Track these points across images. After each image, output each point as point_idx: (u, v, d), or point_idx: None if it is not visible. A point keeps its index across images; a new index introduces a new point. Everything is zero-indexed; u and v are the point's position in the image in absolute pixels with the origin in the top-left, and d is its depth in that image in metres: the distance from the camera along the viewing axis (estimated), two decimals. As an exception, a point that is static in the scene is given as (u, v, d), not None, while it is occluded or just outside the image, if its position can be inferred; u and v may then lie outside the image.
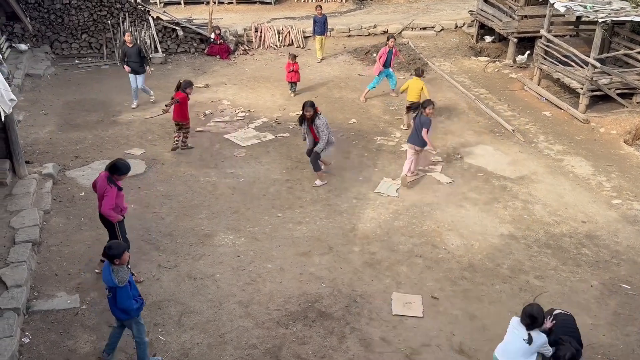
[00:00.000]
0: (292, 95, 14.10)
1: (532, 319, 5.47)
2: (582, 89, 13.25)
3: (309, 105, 9.66)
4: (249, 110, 13.23)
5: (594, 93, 13.29)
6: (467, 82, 15.37)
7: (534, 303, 5.68)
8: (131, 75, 12.91)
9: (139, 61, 12.78)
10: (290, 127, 12.40)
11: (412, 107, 10.47)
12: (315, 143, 9.92)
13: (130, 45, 12.74)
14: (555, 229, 9.10)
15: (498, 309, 7.32)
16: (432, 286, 7.70)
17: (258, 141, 11.70)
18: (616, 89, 13.25)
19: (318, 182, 10.08)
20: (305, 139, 10.28)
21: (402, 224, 9.06)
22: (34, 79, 14.51)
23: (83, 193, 9.55)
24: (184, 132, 11.05)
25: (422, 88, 12.11)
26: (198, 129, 12.12)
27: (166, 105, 10.89)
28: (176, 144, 11.06)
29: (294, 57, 13.89)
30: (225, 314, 7.10)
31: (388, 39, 13.62)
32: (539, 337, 5.54)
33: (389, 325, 7.01)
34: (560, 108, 13.65)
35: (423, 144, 9.88)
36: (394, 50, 13.65)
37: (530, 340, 5.49)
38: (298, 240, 8.57)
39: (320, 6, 16.61)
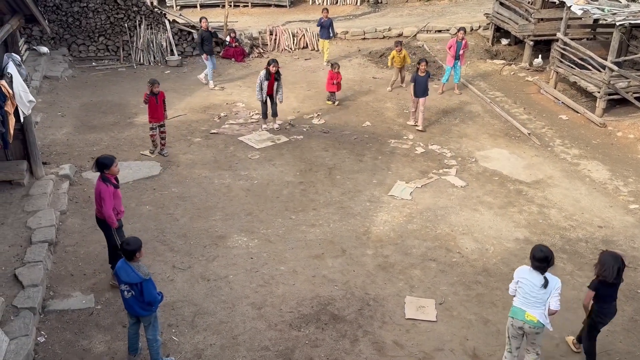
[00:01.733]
0: (333, 104, 13.76)
1: (545, 260, 5.64)
2: (599, 92, 13.11)
3: (275, 60, 11.81)
4: (264, 113, 13.26)
5: (611, 97, 13.15)
6: (482, 85, 15.28)
7: (541, 245, 5.85)
8: (207, 59, 14.38)
9: (210, 44, 14.46)
10: (304, 129, 12.42)
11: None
12: (270, 96, 12.10)
13: (206, 30, 14.37)
14: (571, 233, 9.00)
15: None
16: (446, 290, 7.65)
17: (272, 143, 11.73)
18: (634, 93, 13.09)
19: (264, 126, 12.24)
20: (263, 98, 12.08)
21: (416, 227, 9.03)
22: (51, 81, 14.69)
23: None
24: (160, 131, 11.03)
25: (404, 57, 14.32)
26: (213, 131, 12.19)
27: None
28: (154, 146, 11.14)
29: (338, 66, 13.66)
30: (238, 315, 7.12)
31: (458, 31, 14.23)
32: (553, 280, 5.74)
33: (402, 329, 6.98)
34: (577, 112, 13.52)
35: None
36: (463, 42, 13.91)
37: (546, 284, 5.66)
38: (311, 243, 8.57)
39: (327, 9, 16.57)
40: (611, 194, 10.17)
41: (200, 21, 14.82)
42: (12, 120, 8.34)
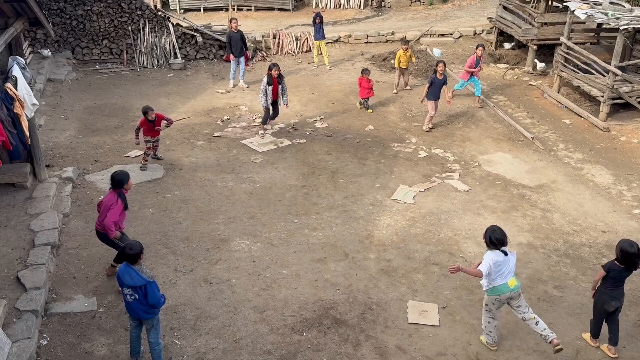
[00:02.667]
0: (367, 110, 13.67)
1: (503, 237, 6.33)
2: (602, 96, 13.09)
3: (276, 65, 11.73)
4: (267, 116, 13.27)
5: (615, 101, 13.12)
6: (485, 89, 15.26)
7: (494, 226, 6.44)
8: (234, 60, 14.72)
9: (242, 45, 14.66)
10: (307, 133, 12.42)
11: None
12: (274, 102, 12.02)
13: (235, 32, 14.46)
14: (575, 238, 8.97)
15: (515, 318, 7.21)
16: (449, 295, 7.63)
17: (275, 147, 11.73)
18: (638, 97, 13.06)
19: (262, 132, 12.00)
20: (267, 104, 11.92)
21: (419, 231, 9.01)
22: (55, 84, 14.74)
23: (102, 197, 9.64)
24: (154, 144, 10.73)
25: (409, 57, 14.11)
26: (216, 135, 12.20)
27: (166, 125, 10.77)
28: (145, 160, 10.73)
29: (369, 72, 13.57)
30: (240, 319, 7.11)
31: (477, 47, 13.72)
32: (510, 252, 6.43)
33: (404, 334, 6.96)
34: (581, 116, 13.49)
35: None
36: (481, 58, 13.77)
37: (506, 253, 6.34)
38: (314, 247, 8.56)
39: (320, 14, 16.36)
40: (615, 198, 10.14)
41: (230, 22, 14.72)
42: (24, 122, 8.40)
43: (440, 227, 9.12)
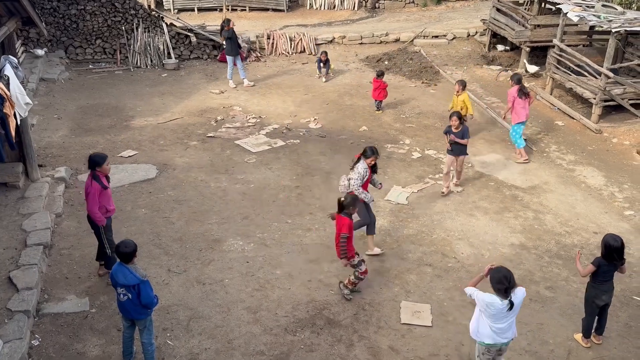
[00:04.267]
0: (377, 111, 13.67)
1: (508, 280, 5.44)
2: (594, 98, 13.17)
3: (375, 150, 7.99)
4: (260, 117, 13.28)
5: (607, 103, 13.21)
6: (478, 91, 15.33)
7: (500, 266, 5.64)
8: (230, 58, 14.84)
9: (238, 44, 14.93)
10: (301, 133, 12.43)
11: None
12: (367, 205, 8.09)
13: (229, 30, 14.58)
14: (567, 239, 9.02)
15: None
16: (442, 295, 7.65)
17: (269, 147, 11.73)
18: (629, 99, 13.16)
19: (377, 249, 8.47)
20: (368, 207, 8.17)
21: (412, 232, 9.03)
22: (48, 84, 14.68)
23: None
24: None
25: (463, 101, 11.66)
26: (209, 135, 12.18)
27: None
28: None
29: (383, 74, 13.58)
30: (233, 319, 7.11)
31: (518, 82, 11.38)
32: (518, 294, 5.53)
33: (397, 334, 6.98)
34: (573, 118, 13.57)
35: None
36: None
37: (511, 306, 5.46)
38: (307, 247, 8.57)
39: (325, 52, 15.98)
40: (606, 200, 10.21)
41: (230, 23, 14.81)
42: (12, 122, 8.34)
43: (433, 228, 9.15)
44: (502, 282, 5.43)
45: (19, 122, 8.61)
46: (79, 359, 6.46)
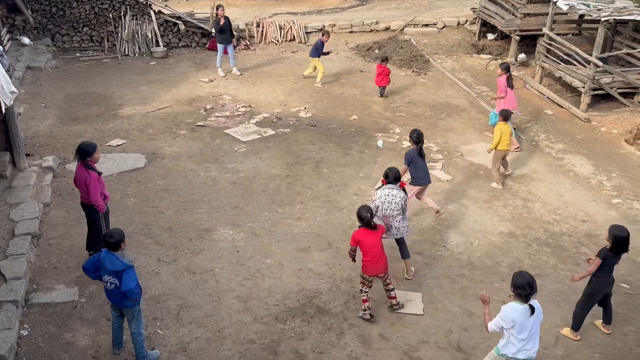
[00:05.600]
0: (380, 97, 13.77)
1: (531, 286, 5.26)
2: (583, 87, 13.22)
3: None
4: (250, 106, 13.21)
5: (596, 92, 13.27)
6: (468, 80, 15.34)
7: (523, 272, 5.43)
8: (220, 46, 14.69)
9: (230, 33, 14.69)
10: (291, 122, 12.39)
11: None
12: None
13: (222, 19, 14.31)
14: (555, 227, 9.09)
15: (497, 306, 7.26)
16: (431, 283, 7.70)
17: (259, 136, 11.69)
18: (618, 88, 13.23)
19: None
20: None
21: (402, 220, 9.05)
22: (34, 72, 14.49)
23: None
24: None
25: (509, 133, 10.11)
26: (199, 124, 12.11)
27: None
28: None
29: (387, 59, 13.65)
30: (224, 308, 7.11)
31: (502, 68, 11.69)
32: (536, 304, 5.41)
33: (387, 322, 7.02)
34: (562, 107, 13.63)
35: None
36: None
37: (533, 310, 5.32)
38: (297, 236, 8.57)
39: (328, 32, 14.88)
40: (595, 188, 10.28)
41: (218, 9, 14.53)
42: None
43: (422, 217, 9.18)
44: (525, 288, 5.28)
45: (4, 111, 8.51)
46: (69, 348, 6.44)
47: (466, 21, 19.29)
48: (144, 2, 16.62)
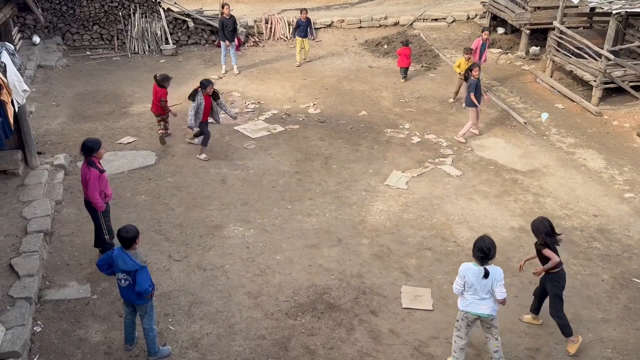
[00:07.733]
0: (402, 80, 14.49)
1: (488, 250, 5.68)
2: (595, 81, 13.11)
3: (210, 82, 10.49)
4: (259, 102, 13.22)
5: (607, 85, 13.15)
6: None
7: (485, 236, 5.84)
8: (224, 44, 14.59)
9: (233, 30, 14.52)
10: (300, 119, 12.39)
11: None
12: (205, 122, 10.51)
13: (227, 17, 14.25)
14: (567, 222, 9.03)
15: (508, 302, 7.28)
16: (442, 279, 7.68)
17: (268, 133, 11.70)
18: (630, 82, 13.10)
19: (203, 155, 10.49)
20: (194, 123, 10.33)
21: (412, 216, 9.04)
22: (45, 70, 14.60)
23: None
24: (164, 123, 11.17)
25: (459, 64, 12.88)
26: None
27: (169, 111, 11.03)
28: (162, 134, 11.10)
29: (409, 42, 14.49)
30: (234, 304, 7.14)
31: (483, 31, 13.46)
32: (495, 270, 5.77)
33: (397, 318, 7.01)
34: (573, 100, 13.52)
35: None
36: (487, 42, 13.42)
37: (486, 274, 5.69)
38: (307, 232, 8.58)
39: (305, 10, 15.51)
40: (606, 182, 10.20)
41: (222, 7, 14.58)
42: (10, 110, 8.29)
43: (433, 212, 9.16)
44: (482, 251, 5.72)
45: (16, 110, 8.57)
46: (81, 344, 6.50)
47: (476, 15, 19.17)
48: (153, 0, 16.68)
